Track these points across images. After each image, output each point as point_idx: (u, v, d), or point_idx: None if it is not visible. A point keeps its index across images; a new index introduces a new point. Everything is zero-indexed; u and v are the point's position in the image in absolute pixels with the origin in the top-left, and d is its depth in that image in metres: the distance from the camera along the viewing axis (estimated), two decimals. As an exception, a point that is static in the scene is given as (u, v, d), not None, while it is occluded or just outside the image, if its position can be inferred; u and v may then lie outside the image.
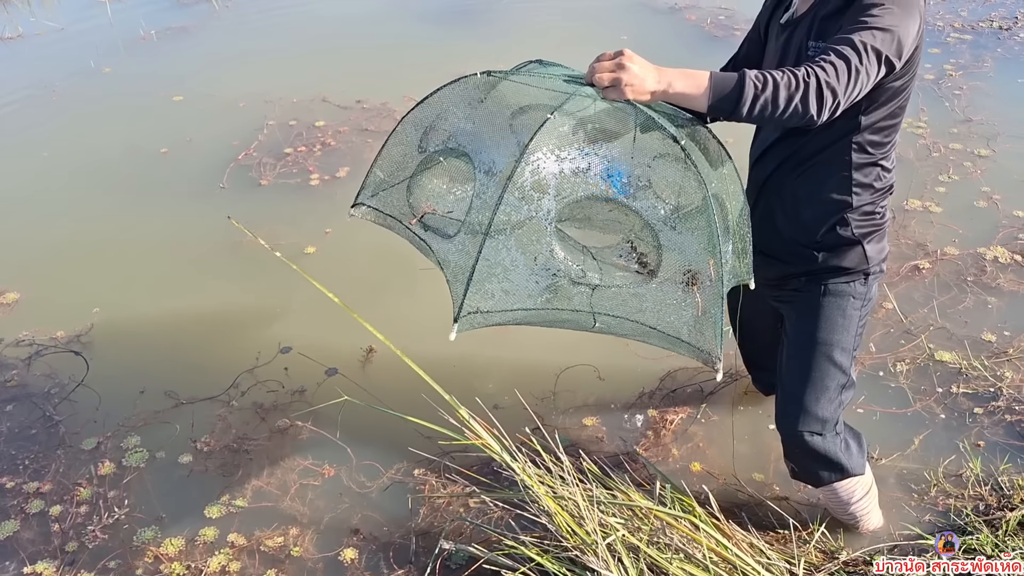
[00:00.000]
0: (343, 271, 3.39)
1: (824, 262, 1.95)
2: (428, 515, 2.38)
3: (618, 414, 2.69)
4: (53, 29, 5.95)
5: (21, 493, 2.53)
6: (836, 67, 1.59)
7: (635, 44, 5.65)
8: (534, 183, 1.68)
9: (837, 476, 2.06)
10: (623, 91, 1.60)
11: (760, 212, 1.99)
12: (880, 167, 1.88)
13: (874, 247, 1.95)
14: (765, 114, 1.60)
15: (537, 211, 1.71)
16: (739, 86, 1.59)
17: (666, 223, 1.75)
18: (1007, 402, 2.61)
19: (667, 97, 1.63)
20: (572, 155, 1.70)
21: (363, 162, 4.12)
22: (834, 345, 1.97)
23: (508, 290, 1.77)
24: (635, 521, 2.00)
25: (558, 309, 1.83)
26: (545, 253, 1.76)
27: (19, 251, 3.65)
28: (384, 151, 2.06)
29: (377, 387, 2.77)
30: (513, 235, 1.73)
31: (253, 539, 2.35)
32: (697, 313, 1.74)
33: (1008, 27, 5.25)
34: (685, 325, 1.77)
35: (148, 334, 3.14)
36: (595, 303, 1.82)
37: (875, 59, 1.62)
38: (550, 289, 1.80)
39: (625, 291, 1.81)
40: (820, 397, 1.98)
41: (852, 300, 1.97)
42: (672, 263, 1.75)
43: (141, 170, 4.19)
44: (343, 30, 5.69)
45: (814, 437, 1.99)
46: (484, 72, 1.83)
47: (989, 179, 3.73)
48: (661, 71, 1.61)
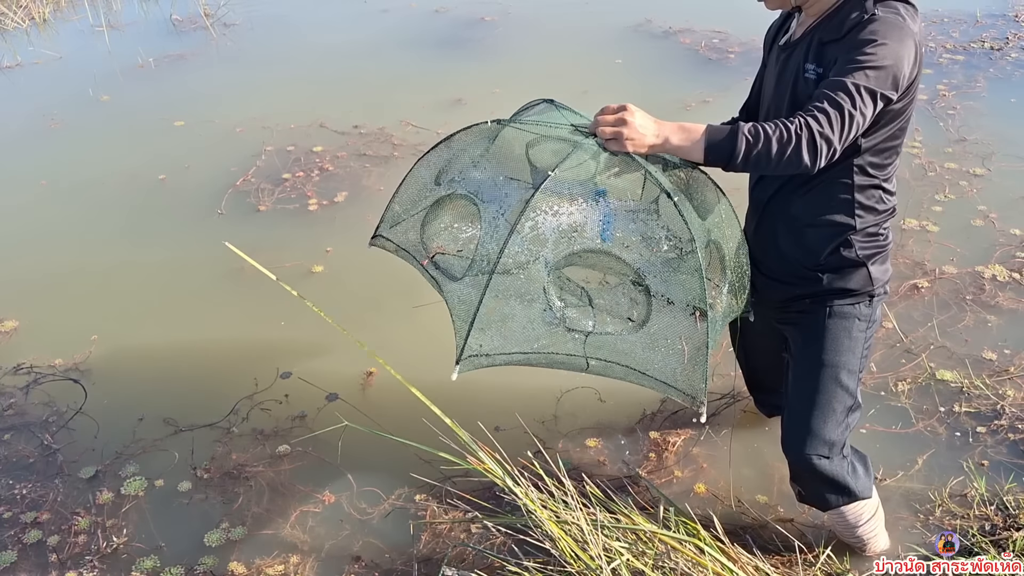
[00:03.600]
0: (345, 292, 3.39)
1: (829, 284, 1.95)
2: (430, 541, 2.36)
3: (620, 436, 2.68)
4: (51, 58, 5.99)
5: (19, 523, 2.50)
6: (829, 115, 1.63)
7: (630, 68, 5.72)
8: (533, 237, 1.77)
9: (844, 500, 2.05)
10: (624, 144, 1.70)
11: (763, 234, 2.00)
12: (882, 189, 1.89)
13: (878, 268, 1.95)
14: (759, 166, 1.68)
15: (536, 260, 1.81)
16: (732, 140, 1.66)
17: (655, 274, 1.82)
18: (1010, 421, 2.60)
19: (664, 150, 1.73)
20: (570, 210, 1.79)
21: (361, 187, 4.14)
22: (840, 367, 1.97)
23: (507, 335, 1.87)
24: (639, 545, 1.98)
25: (554, 353, 1.92)
26: (542, 302, 1.86)
27: (17, 279, 3.65)
28: (401, 188, 2.13)
29: (378, 412, 2.75)
30: (513, 283, 1.83)
31: (253, 568, 2.33)
32: (683, 360, 1.82)
33: (999, 47, 5.31)
34: (671, 370, 1.85)
35: (146, 361, 3.12)
36: (588, 348, 1.91)
37: (869, 99, 1.65)
38: (546, 335, 1.90)
39: (616, 338, 1.90)
40: (827, 420, 1.97)
41: (857, 322, 1.97)
42: (660, 312, 1.83)
43: (139, 197, 4.20)
44: (340, 57, 5.73)
45: (821, 460, 1.98)
46: (495, 120, 1.92)
47: (985, 198, 3.75)
48: (660, 125, 1.71)
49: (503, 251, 1.74)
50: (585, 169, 1.78)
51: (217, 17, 6.48)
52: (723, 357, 2.90)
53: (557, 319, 1.88)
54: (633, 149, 1.70)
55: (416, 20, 6.32)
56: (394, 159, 4.38)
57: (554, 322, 1.88)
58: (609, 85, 4.91)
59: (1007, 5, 5.93)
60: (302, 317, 3.13)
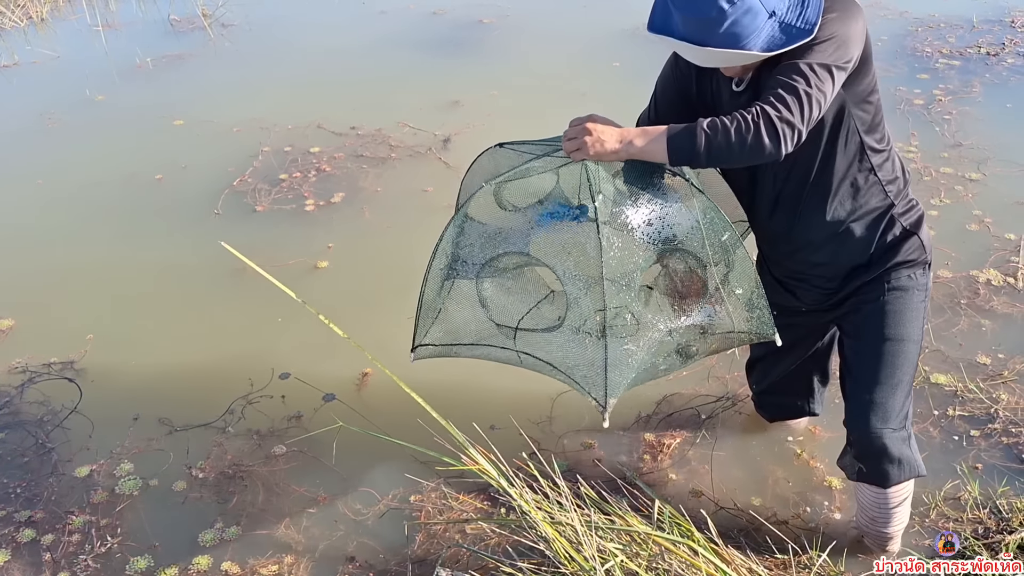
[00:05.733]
0: (345, 290, 3.39)
1: (885, 263, 1.96)
2: (424, 542, 2.36)
3: (615, 438, 2.68)
4: (49, 57, 5.98)
5: (12, 522, 2.50)
6: (786, 100, 1.64)
7: (627, 71, 5.72)
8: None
9: (906, 474, 2.04)
10: (587, 151, 1.74)
11: (800, 259, 2.01)
12: (890, 158, 1.91)
13: (925, 233, 1.98)
14: (723, 157, 1.69)
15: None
16: (691, 136, 1.68)
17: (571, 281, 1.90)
18: (1003, 424, 2.61)
19: (629, 154, 1.75)
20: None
21: (358, 188, 4.14)
22: (906, 340, 1.98)
23: (451, 330, 2.08)
24: (634, 547, 1.98)
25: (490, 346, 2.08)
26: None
27: (14, 278, 3.64)
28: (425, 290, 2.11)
29: (373, 412, 2.75)
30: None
31: (248, 567, 2.33)
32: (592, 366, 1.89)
33: (995, 53, 5.32)
34: (580, 367, 1.93)
35: (142, 361, 3.12)
36: (519, 344, 2.04)
37: (826, 74, 1.66)
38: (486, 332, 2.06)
39: (541, 335, 2.02)
40: (896, 392, 1.99)
41: (916, 292, 1.98)
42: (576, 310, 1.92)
43: (135, 197, 4.19)
44: (337, 58, 5.73)
45: (893, 433, 1.99)
46: (497, 145, 1.99)
47: (980, 202, 3.76)
48: (623, 131, 1.75)
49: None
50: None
51: (215, 17, 6.48)
52: (719, 359, 2.90)
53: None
54: (595, 154, 1.73)
55: (414, 22, 6.32)
56: (391, 160, 4.38)
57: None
58: (606, 88, 4.92)
59: (1003, 11, 5.95)
60: (301, 315, 3.13)
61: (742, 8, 1.63)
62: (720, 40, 1.65)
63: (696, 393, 2.79)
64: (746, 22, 1.64)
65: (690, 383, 2.85)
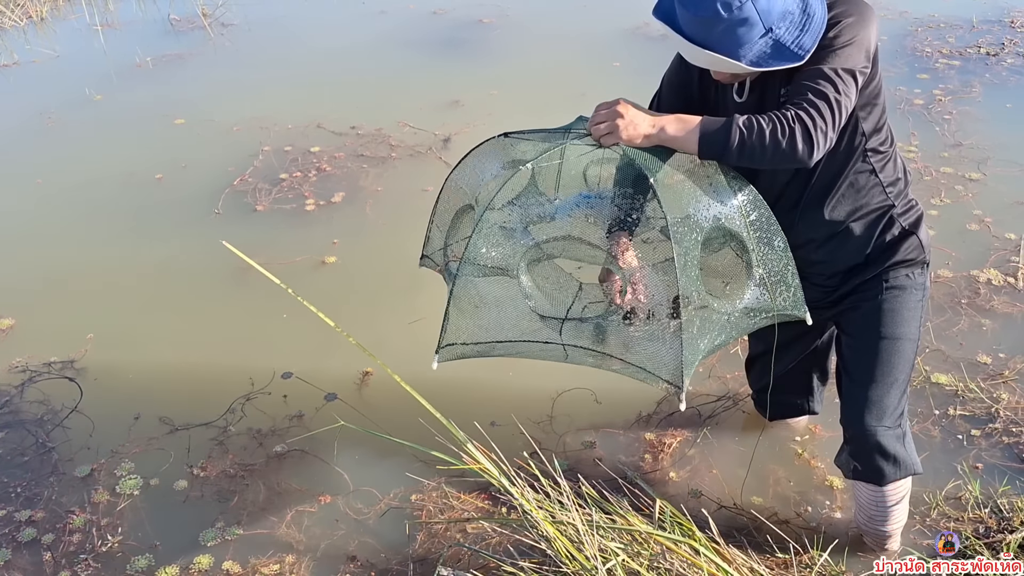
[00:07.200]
0: (347, 289, 3.39)
1: (883, 263, 1.97)
2: (425, 541, 2.36)
3: (616, 437, 2.68)
4: (49, 56, 5.98)
5: (13, 521, 2.50)
6: (819, 107, 1.64)
7: (627, 71, 5.72)
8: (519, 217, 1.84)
9: (901, 472, 2.05)
10: (619, 135, 1.71)
11: (800, 256, 1.99)
12: (892, 159, 1.92)
13: (924, 233, 1.99)
14: (754, 157, 1.68)
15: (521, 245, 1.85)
16: (726, 131, 1.67)
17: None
18: (1004, 424, 2.61)
19: (660, 141, 1.73)
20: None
21: (358, 188, 4.14)
22: (902, 339, 1.99)
23: (487, 326, 1.92)
24: (635, 546, 1.98)
25: (531, 341, 1.96)
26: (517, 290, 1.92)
27: (13, 277, 3.64)
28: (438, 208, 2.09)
29: (375, 411, 2.75)
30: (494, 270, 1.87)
31: (248, 567, 2.33)
32: (668, 346, 1.82)
33: (995, 53, 5.32)
34: (653, 357, 1.85)
35: (143, 360, 3.12)
36: (565, 336, 1.94)
37: (850, 79, 1.68)
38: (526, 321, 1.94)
39: (593, 324, 1.92)
40: (891, 390, 1.99)
41: (914, 292, 1.99)
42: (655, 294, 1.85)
43: (135, 196, 4.19)
44: (337, 58, 5.73)
45: (887, 431, 2.00)
46: (502, 134, 1.95)
47: (981, 202, 3.76)
48: (655, 117, 1.72)
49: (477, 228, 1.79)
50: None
51: (215, 17, 6.47)
52: (719, 359, 2.91)
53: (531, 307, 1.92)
54: (627, 139, 1.71)
55: (414, 22, 6.32)
56: (391, 160, 4.38)
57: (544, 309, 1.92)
58: (607, 88, 4.85)
59: (1003, 11, 5.96)
60: (304, 312, 3.11)
61: (738, 17, 1.63)
62: (713, 43, 1.66)
63: (696, 392, 2.79)
64: (740, 32, 1.65)
65: (690, 383, 2.85)
